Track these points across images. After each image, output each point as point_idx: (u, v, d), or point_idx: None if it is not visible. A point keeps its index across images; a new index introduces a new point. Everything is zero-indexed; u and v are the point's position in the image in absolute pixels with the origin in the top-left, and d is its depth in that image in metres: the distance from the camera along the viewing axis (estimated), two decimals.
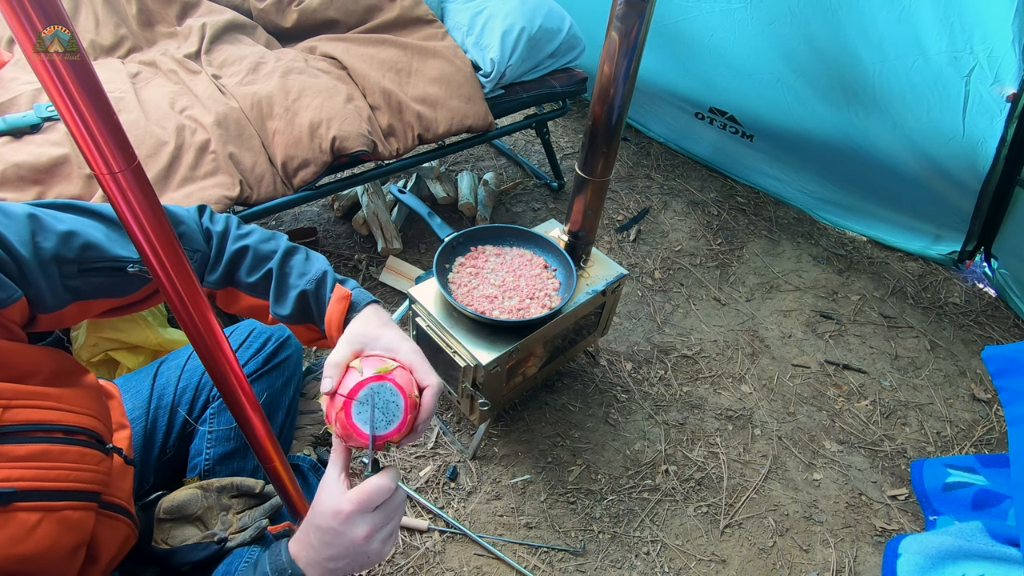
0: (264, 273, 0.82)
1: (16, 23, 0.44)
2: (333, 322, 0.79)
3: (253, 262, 0.83)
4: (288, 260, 0.83)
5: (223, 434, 1.07)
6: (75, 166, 1.38)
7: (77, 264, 0.68)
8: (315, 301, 0.81)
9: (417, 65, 1.86)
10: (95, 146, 0.51)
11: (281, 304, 0.82)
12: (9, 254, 0.62)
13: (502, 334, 1.34)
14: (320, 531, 0.65)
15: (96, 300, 0.72)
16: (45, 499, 0.63)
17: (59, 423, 0.67)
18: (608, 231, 2.31)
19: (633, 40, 1.13)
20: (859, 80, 1.91)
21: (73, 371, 0.74)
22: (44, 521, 0.62)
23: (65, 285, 0.68)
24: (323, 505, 0.66)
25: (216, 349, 0.68)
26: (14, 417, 0.62)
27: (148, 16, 1.87)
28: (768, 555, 1.45)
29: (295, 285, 0.81)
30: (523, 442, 1.60)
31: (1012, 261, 2.15)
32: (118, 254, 0.71)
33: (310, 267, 0.83)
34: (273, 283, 0.82)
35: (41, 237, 0.65)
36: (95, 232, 0.71)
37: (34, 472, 0.63)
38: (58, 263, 0.67)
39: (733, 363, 1.88)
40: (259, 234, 0.85)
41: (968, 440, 1.75)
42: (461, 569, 1.35)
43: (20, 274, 0.63)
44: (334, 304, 0.80)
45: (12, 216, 0.65)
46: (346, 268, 2.01)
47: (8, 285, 0.62)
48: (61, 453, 0.66)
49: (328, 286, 0.81)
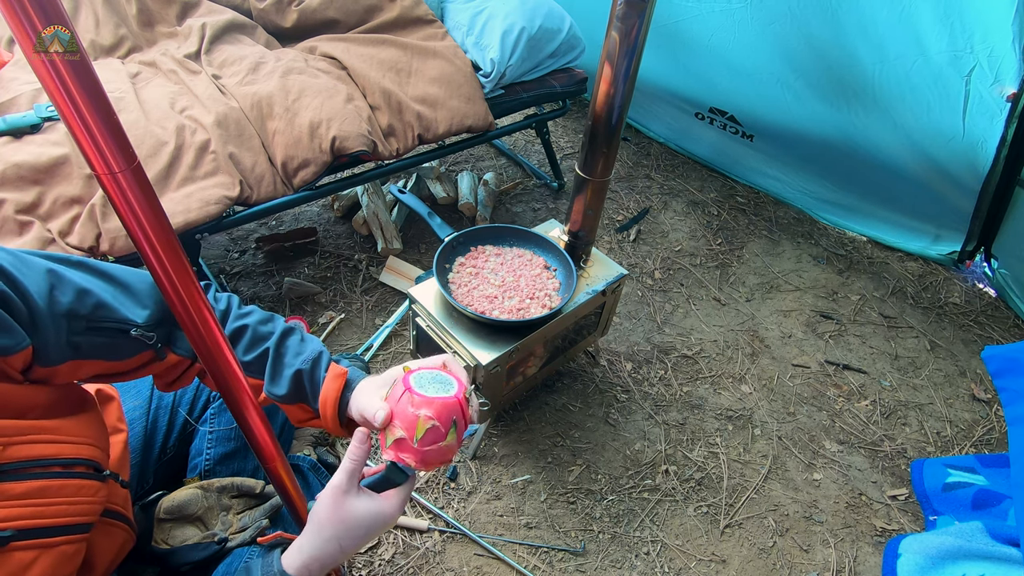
0: (260, 353, 0.83)
1: (16, 23, 0.44)
2: (329, 399, 0.80)
3: (251, 342, 0.84)
4: (284, 341, 0.85)
5: (223, 434, 1.07)
6: (75, 166, 1.38)
7: (86, 321, 0.69)
8: (309, 380, 0.82)
9: (417, 65, 1.86)
10: (95, 146, 0.51)
11: (276, 383, 0.82)
12: (25, 303, 0.63)
13: (502, 334, 1.34)
14: (363, 533, 0.69)
15: (91, 361, 0.72)
16: (42, 536, 0.62)
17: (57, 457, 0.66)
18: (608, 231, 2.31)
19: (633, 40, 1.13)
20: (859, 80, 1.91)
21: (68, 397, 0.74)
22: (40, 559, 0.62)
23: (70, 341, 0.68)
24: (361, 509, 0.69)
25: (216, 349, 0.68)
26: (14, 454, 0.61)
27: (148, 16, 1.87)
28: (768, 555, 1.45)
29: (291, 364, 0.82)
30: (523, 442, 1.60)
31: (1012, 261, 2.15)
32: (125, 316, 0.72)
33: (305, 348, 0.85)
34: (269, 363, 0.83)
35: (59, 291, 0.67)
36: (105, 293, 0.72)
37: (31, 510, 0.62)
38: (69, 318, 0.67)
39: (733, 363, 1.88)
40: (258, 315, 0.87)
41: (968, 440, 1.75)
42: (461, 569, 1.35)
43: (31, 323, 0.64)
44: (330, 382, 0.81)
45: (32, 267, 0.66)
46: (346, 268, 2.01)
47: (18, 332, 0.62)
48: (59, 488, 0.65)
49: (323, 366, 0.83)
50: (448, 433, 0.70)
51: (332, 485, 0.68)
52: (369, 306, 1.90)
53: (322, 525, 0.68)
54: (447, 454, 0.72)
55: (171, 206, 1.43)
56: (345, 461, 0.70)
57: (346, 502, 0.68)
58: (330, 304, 1.89)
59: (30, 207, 1.33)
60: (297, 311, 1.85)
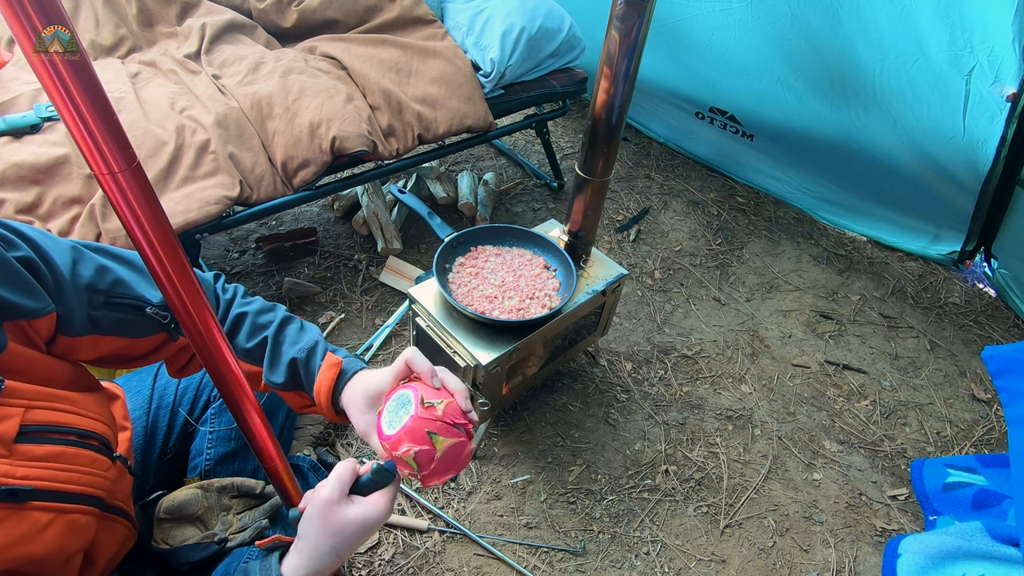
0: (260, 341, 0.86)
1: (16, 23, 0.44)
2: (323, 388, 0.83)
3: (251, 329, 0.87)
4: (283, 329, 0.88)
5: (224, 434, 1.07)
6: (75, 166, 1.38)
7: (105, 296, 0.74)
8: (305, 369, 0.85)
9: (417, 65, 1.86)
10: (95, 146, 0.51)
11: (274, 371, 0.85)
12: (51, 271, 0.68)
13: (502, 334, 1.33)
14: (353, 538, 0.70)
15: (109, 337, 0.76)
16: (57, 500, 0.66)
17: (74, 426, 0.70)
18: (608, 231, 2.31)
19: (633, 40, 1.13)
20: (859, 79, 1.91)
21: (85, 378, 0.79)
22: (54, 522, 0.65)
23: (90, 315, 0.73)
24: (352, 516, 0.69)
25: (216, 349, 0.68)
26: (34, 417, 0.65)
27: (148, 16, 1.87)
28: (768, 555, 1.45)
29: (287, 353, 0.85)
30: (523, 442, 1.60)
31: (1012, 261, 2.15)
32: (141, 294, 0.77)
33: (303, 337, 0.88)
34: (268, 351, 0.86)
35: (80, 266, 0.72)
36: (122, 272, 0.77)
37: (49, 472, 0.65)
38: (90, 291, 0.72)
39: (733, 363, 1.88)
40: (259, 303, 0.90)
41: (968, 440, 1.75)
42: (461, 569, 1.35)
43: (56, 291, 0.69)
44: (324, 371, 0.84)
45: (57, 242, 0.72)
46: (346, 268, 2.01)
47: (44, 296, 0.67)
48: (75, 456, 0.69)
49: (319, 355, 0.85)
50: (436, 444, 0.70)
51: (322, 498, 0.68)
52: (369, 306, 1.90)
53: (318, 540, 0.68)
54: (454, 459, 0.72)
55: (171, 206, 1.43)
56: (334, 475, 0.70)
57: (337, 512, 0.68)
58: (330, 304, 1.89)
59: (30, 207, 1.33)
60: (297, 311, 1.85)
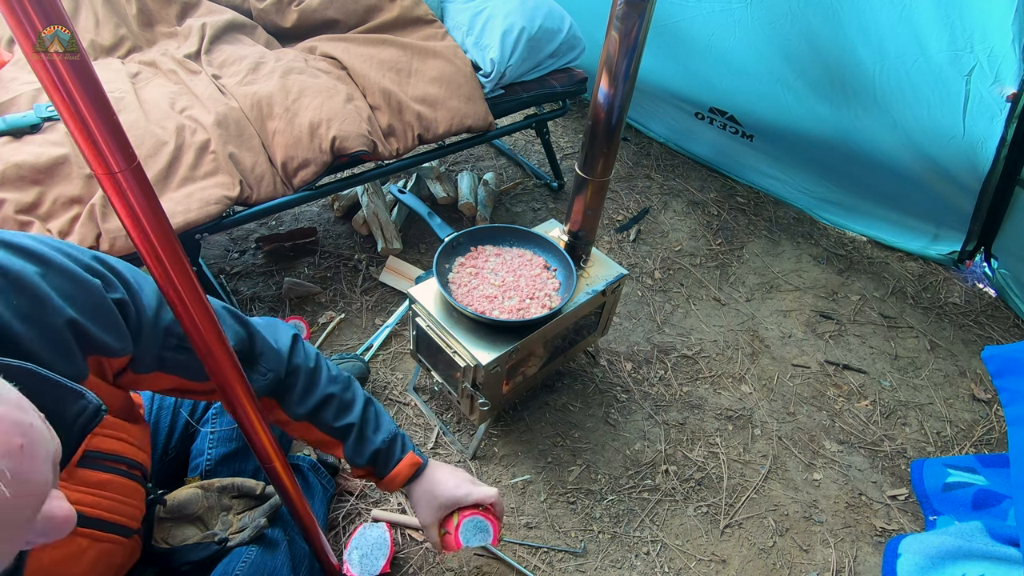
0: (346, 425, 0.99)
1: (16, 23, 0.44)
2: (398, 479, 1.04)
3: (338, 411, 0.98)
4: (366, 415, 1.02)
5: (224, 435, 1.07)
6: (75, 166, 1.38)
7: (178, 339, 0.76)
8: (384, 458, 1.02)
9: (417, 65, 1.86)
10: (95, 146, 0.51)
11: (358, 455, 1.01)
12: (138, 314, 0.71)
13: (502, 334, 1.33)
14: None
15: (170, 375, 0.78)
16: (96, 528, 0.67)
17: (126, 456, 0.72)
18: (608, 231, 2.31)
19: (633, 40, 1.13)
20: (859, 79, 1.91)
21: (134, 409, 0.81)
22: (90, 548, 0.66)
23: (160, 355, 0.75)
24: None
25: (217, 350, 0.68)
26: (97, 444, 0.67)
27: (148, 16, 1.87)
28: (768, 555, 1.45)
29: (372, 441, 1.01)
30: (523, 442, 1.60)
31: (1012, 261, 2.15)
32: None
33: (381, 423, 1.04)
34: (354, 436, 0.99)
35: (164, 310, 0.75)
36: None
37: (95, 499, 0.67)
38: (166, 334, 0.74)
39: (733, 363, 1.88)
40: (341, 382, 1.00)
41: (968, 440, 1.75)
42: (461, 569, 1.35)
43: (138, 332, 0.71)
44: (405, 467, 1.04)
45: (147, 283, 0.75)
46: (346, 268, 2.01)
47: (127, 338, 0.69)
48: (121, 486, 0.71)
49: (397, 449, 1.04)
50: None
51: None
52: (369, 306, 1.90)
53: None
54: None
55: (171, 206, 1.43)
56: None
57: None
58: (330, 304, 1.89)
59: (30, 207, 1.33)
60: (297, 311, 1.85)
